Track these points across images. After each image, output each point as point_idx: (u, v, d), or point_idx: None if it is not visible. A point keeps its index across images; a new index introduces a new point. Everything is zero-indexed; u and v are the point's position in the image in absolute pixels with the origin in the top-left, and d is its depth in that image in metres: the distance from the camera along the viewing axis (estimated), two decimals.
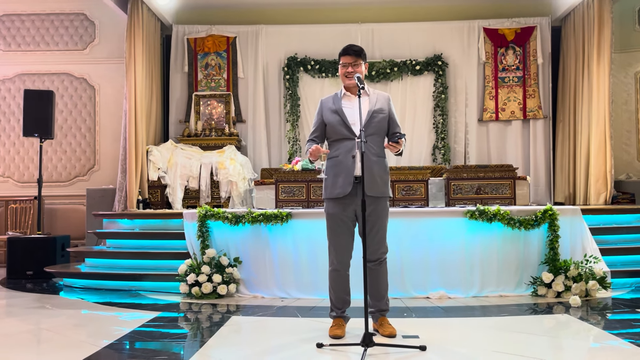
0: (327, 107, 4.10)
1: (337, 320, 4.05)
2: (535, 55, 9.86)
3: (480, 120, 9.99)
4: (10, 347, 3.93)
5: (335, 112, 4.03)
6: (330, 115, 4.05)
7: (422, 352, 3.50)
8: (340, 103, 4.05)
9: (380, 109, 4.01)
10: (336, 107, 4.04)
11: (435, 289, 5.66)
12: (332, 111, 4.05)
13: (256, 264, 5.94)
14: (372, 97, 4.06)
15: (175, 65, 10.27)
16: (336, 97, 4.12)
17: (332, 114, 4.04)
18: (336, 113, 4.02)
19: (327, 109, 4.09)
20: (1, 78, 10.16)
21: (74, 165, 10.13)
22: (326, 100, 4.17)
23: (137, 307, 5.44)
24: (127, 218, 7.35)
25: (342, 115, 3.99)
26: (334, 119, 4.02)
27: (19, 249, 7.82)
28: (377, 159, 3.97)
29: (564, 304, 5.24)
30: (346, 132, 3.95)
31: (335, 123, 4.01)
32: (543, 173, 9.82)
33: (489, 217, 5.63)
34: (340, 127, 3.98)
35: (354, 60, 4.05)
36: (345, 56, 4.07)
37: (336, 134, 4.01)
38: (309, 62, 10.08)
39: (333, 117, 4.03)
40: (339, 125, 3.99)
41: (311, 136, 4.16)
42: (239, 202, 9.02)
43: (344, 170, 3.92)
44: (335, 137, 4.02)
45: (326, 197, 4.05)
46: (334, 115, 4.03)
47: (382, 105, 4.04)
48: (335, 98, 4.11)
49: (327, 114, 4.07)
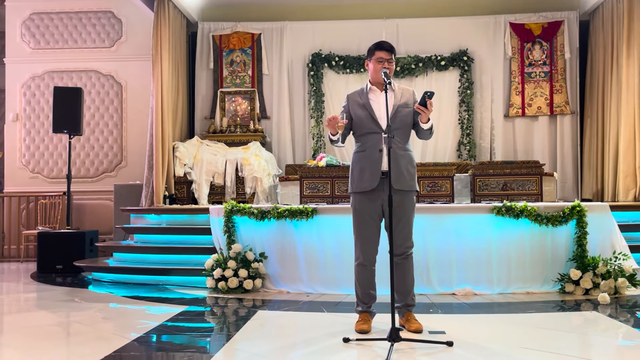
0: (354, 101, 4.12)
1: (363, 315, 4.05)
2: (563, 50, 9.74)
3: (506, 116, 9.90)
4: (41, 338, 4.01)
5: (362, 106, 4.05)
6: (358, 109, 4.06)
7: (448, 348, 3.49)
8: (367, 97, 4.06)
9: (406, 104, 4.01)
10: (363, 101, 4.06)
11: (461, 285, 5.64)
12: (360, 105, 4.07)
13: (282, 259, 5.97)
14: (397, 92, 4.06)
15: (200, 62, 10.35)
16: (362, 92, 4.14)
17: (360, 108, 4.06)
18: (364, 107, 4.04)
19: (355, 103, 4.11)
20: (31, 75, 10.34)
21: (101, 161, 10.27)
22: (353, 94, 4.18)
23: (165, 301, 5.51)
24: (154, 213, 7.44)
25: (369, 109, 4.01)
26: (361, 113, 4.04)
27: (49, 243, 7.97)
28: (404, 153, 3.97)
29: (592, 301, 5.17)
30: (373, 126, 3.97)
31: (363, 117, 4.03)
32: (570, 169, 9.70)
33: (516, 213, 5.58)
34: (368, 121, 4.00)
35: (389, 56, 4.06)
36: (383, 51, 4.06)
37: (363, 128, 4.02)
38: (333, 58, 10.08)
39: (361, 111, 4.04)
40: (367, 120, 4.01)
41: None
42: (263, 198, 9.07)
43: (371, 164, 3.93)
44: (362, 131, 4.03)
45: (352, 191, 4.06)
46: (361, 110, 4.04)
47: (407, 100, 4.04)
48: (362, 93, 4.13)
49: (355, 108, 4.09)
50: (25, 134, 10.30)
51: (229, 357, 3.49)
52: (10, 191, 10.19)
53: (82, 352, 3.60)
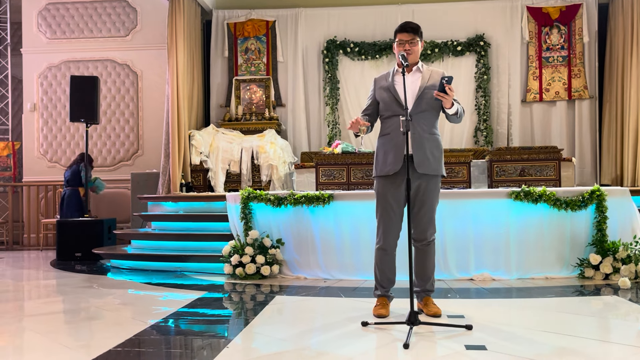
0: (379, 84, 4.10)
1: (381, 299, 4.05)
2: (581, 33, 9.60)
3: (523, 101, 9.81)
4: (62, 323, 4.06)
5: (387, 89, 4.02)
6: (383, 92, 4.04)
7: (468, 331, 3.47)
8: (392, 80, 4.03)
9: (433, 85, 3.92)
10: (388, 84, 4.03)
11: (479, 270, 5.61)
12: (384, 88, 4.04)
13: (298, 246, 5.98)
14: (425, 73, 4.01)
15: (215, 50, 10.35)
16: (388, 74, 4.10)
17: (384, 91, 4.03)
18: (388, 90, 4.01)
19: (379, 86, 4.09)
20: (48, 65, 10.41)
21: (118, 150, 10.34)
22: (379, 78, 4.16)
23: (182, 287, 5.54)
24: (172, 201, 7.48)
25: (393, 92, 3.97)
26: (386, 95, 4.01)
27: (68, 231, 8.06)
28: (429, 136, 3.92)
29: (612, 286, 5.13)
30: (397, 109, 3.92)
31: (387, 100, 4.00)
32: (589, 155, 9.60)
33: (535, 198, 5.52)
34: (392, 104, 3.97)
35: (411, 37, 3.97)
36: (403, 33, 3.99)
37: (388, 111, 4.00)
38: (348, 44, 10.03)
39: (385, 94, 4.02)
40: (391, 102, 3.97)
41: (362, 112, 4.16)
42: (279, 186, 9.08)
43: (394, 147, 3.89)
44: (387, 114, 4.00)
45: (376, 175, 4.04)
46: (386, 92, 4.02)
47: (435, 82, 3.94)
48: (388, 76, 4.10)
49: (379, 91, 4.07)
50: (42, 124, 10.39)
51: (247, 341, 3.50)
52: (29, 180, 10.30)
53: (103, 336, 3.63)
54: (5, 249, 10.04)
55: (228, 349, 3.22)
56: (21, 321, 4.16)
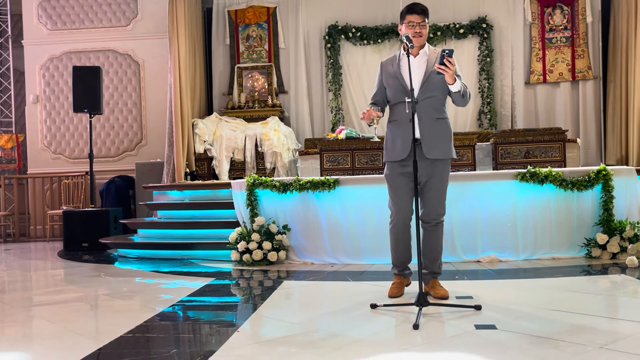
0: (386, 70, 4.03)
1: (397, 277, 4.06)
2: (584, 13, 9.53)
3: (527, 83, 9.76)
4: (71, 312, 4.07)
5: (394, 75, 3.95)
6: (389, 78, 3.99)
7: (477, 312, 3.48)
8: (398, 65, 3.97)
9: None
10: (394, 70, 3.96)
11: (486, 252, 5.61)
12: (391, 75, 3.98)
13: (305, 231, 5.98)
14: (431, 56, 3.95)
15: (217, 38, 10.31)
16: (395, 59, 4.04)
17: (391, 77, 3.97)
18: (394, 77, 3.95)
19: (386, 71, 4.02)
20: (49, 57, 10.39)
21: (122, 140, 10.34)
22: (386, 62, 4.09)
23: (190, 274, 5.56)
24: (177, 189, 7.48)
25: (400, 79, 3.92)
26: (392, 81, 3.96)
27: (75, 222, 8.08)
28: (437, 121, 3.88)
29: (620, 265, 5.13)
30: (404, 96, 3.85)
31: (393, 87, 3.95)
32: (594, 135, 9.56)
33: (541, 179, 5.51)
34: (399, 91, 3.91)
35: (421, 19, 3.90)
36: (413, 14, 3.91)
37: (395, 97, 3.94)
38: (350, 29, 9.98)
39: (392, 80, 3.97)
40: (397, 89, 3.92)
41: (371, 100, 4.12)
42: (283, 173, 9.07)
43: (402, 133, 3.87)
44: (395, 100, 3.95)
45: (386, 161, 4.02)
46: (392, 78, 3.96)
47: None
48: (394, 60, 4.03)
49: (386, 77, 4.01)
50: (46, 116, 10.39)
51: (256, 326, 3.51)
52: (34, 172, 10.31)
53: (112, 322, 3.64)
54: (12, 241, 10.08)
55: (238, 333, 3.23)
56: (30, 310, 4.18)
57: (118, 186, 9.53)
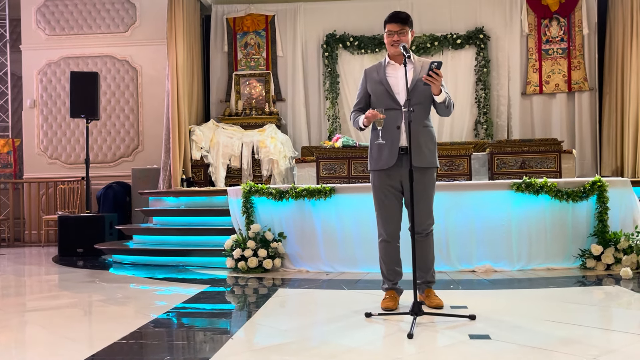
0: (370, 77, 4.02)
1: (390, 292, 4.01)
2: (581, 25, 9.59)
3: (523, 93, 9.80)
4: (65, 318, 4.06)
5: (379, 82, 3.95)
6: (375, 85, 3.97)
7: (471, 321, 3.48)
8: (384, 72, 3.97)
9: None
10: (380, 77, 3.96)
11: (481, 262, 5.62)
12: (377, 82, 3.97)
13: (300, 239, 5.98)
14: (417, 65, 3.94)
15: (215, 45, 10.33)
16: (380, 66, 4.03)
17: (377, 84, 3.96)
18: (380, 83, 3.94)
19: (371, 79, 4.01)
20: (47, 62, 10.40)
21: (118, 146, 10.33)
22: (370, 70, 4.08)
23: (185, 281, 5.55)
24: (173, 196, 7.48)
25: (386, 85, 3.91)
26: (378, 89, 3.95)
27: (70, 227, 8.06)
28: (423, 129, 3.88)
29: (614, 276, 5.14)
30: (391, 103, 3.87)
31: (379, 93, 3.94)
32: (589, 147, 9.60)
33: (536, 189, 5.53)
34: (385, 98, 3.90)
35: (400, 28, 3.89)
36: (391, 24, 3.91)
37: (381, 105, 3.92)
38: (348, 38, 10.02)
39: (377, 87, 3.95)
40: (384, 96, 3.91)
41: (355, 107, 4.11)
42: (280, 180, 9.08)
43: (389, 142, 3.87)
44: (380, 107, 3.95)
45: (371, 169, 4.01)
46: (378, 86, 3.95)
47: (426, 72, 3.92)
48: (379, 67, 4.02)
49: (371, 84, 3.99)
50: (42, 120, 10.38)
51: (250, 334, 3.51)
52: (30, 177, 10.29)
53: (106, 329, 3.64)
54: (6, 246, 10.05)
55: (232, 341, 3.23)
56: (24, 316, 4.17)
57: (116, 192, 9.53)
